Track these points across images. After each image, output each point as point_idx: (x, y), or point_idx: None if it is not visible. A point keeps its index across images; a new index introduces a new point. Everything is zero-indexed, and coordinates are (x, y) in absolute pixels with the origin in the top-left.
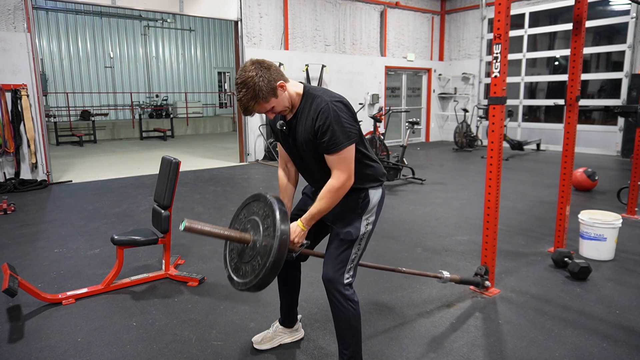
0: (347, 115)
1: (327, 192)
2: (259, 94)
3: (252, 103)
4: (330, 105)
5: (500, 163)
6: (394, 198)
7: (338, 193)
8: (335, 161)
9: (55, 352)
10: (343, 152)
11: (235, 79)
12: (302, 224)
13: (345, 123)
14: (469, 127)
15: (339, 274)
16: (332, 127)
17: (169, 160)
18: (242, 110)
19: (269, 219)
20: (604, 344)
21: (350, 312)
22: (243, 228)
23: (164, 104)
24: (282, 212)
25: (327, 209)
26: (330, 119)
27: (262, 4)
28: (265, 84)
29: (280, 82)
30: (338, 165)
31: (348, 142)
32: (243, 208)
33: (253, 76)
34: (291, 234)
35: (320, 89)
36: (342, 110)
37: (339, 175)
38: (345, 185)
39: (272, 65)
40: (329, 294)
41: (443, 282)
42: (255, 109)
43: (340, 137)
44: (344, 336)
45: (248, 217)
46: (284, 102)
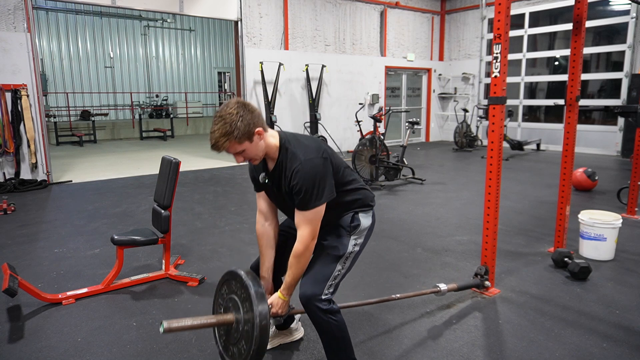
0: (322, 172)
1: (294, 257)
2: (234, 132)
3: (223, 139)
4: (303, 165)
5: (500, 163)
6: (394, 198)
7: (305, 256)
8: (301, 219)
9: (55, 352)
10: (310, 212)
11: (215, 113)
12: (282, 295)
13: (319, 181)
14: (469, 127)
15: (317, 289)
16: (304, 188)
17: (169, 160)
18: (211, 145)
19: (247, 302)
20: (604, 344)
21: (333, 325)
22: (226, 305)
23: (164, 104)
24: (259, 295)
25: (299, 274)
26: (302, 180)
27: (262, 4)
28: (243, 124)
29: (259, 129)
30: (303, 224)
31: (318, 202)
32: (223, 284)
33: (233, 113)
34: (274, 307)
35: (296, 142)
36: (316, 169)
37: (303, 236)
38: (310, 246)
39: (256, 110)
40: (307, 311)
41: (442, 295)
42: (225, 147)
43: (311, 197)
44: (331, 348)
45: (229, 294)
46: (256, 149)
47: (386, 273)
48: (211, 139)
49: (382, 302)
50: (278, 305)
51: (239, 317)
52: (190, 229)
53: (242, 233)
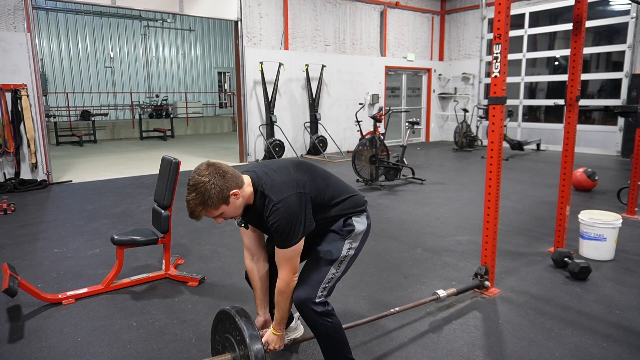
0: (297, 209)
1: (278, 295)
2: (208, 201)
3: (199, 208)
4: (277, 207)
5: (500, 163)
6: (394, 198)
7: (287, 292)
8: (281, 257)
9: (55, 352)
10: (288, 250)
11: (188, 180)
12: (274, 331)
13: (294, 221)
14: (469, 127)
15: (311, 291)
16: (281, 229)
17: (169, 160)
18: (189, 214)
19: (242, 345)
20: (604, 344)
21: (328, 327)
22: (223, 344)
23: (164, 104)
24: (254, 338)
25: (287, 309)
26: (279, 221)
27: (262, 4)
28: (216, 192)
29: (234, 190)
30: (283, 263)
31: (294, 241)
32: (218, 322)
33: (205, 182)
34: (269, 344)
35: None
36: (291, 208)
37: (283, 274)
38: (291, 283)
39: (229, 171)
40: (302, 314)
41: (442, 301)
42: (202, 215)
43: (287, 237)
44: (328, 349)
45: (224, 333)
46: (234, 209)
47: (386, 273)
48: (188, 209)
49: (381, 318)
50: (274, 342)
51: (235, 356)
52: (190, 229)
53: None
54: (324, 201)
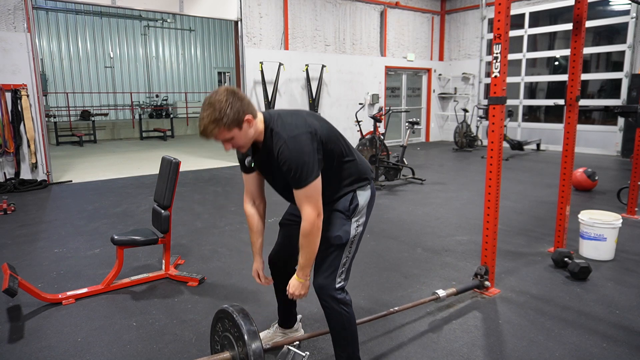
0: (308, 148)
1: (303, 237)
2: (223, 119)
3: (212, 126)
4: (287, 144)
5: (500, 163)
6: (394, 198)
7: (314, 234)
8: (301, 197)
9: (55, 352)
10: (307, 188)
11: (204, 100)
12: (297, 277)
13: (306, 158)
14: (469, 127)
15: (330, 279)
16: (293, 166)
17: (169, 160)
18: (200, 131)
19: (241, 341)
20: (604, 344)
21: (344, 316)
22: (222, 343)
23: (164, 104)
24: (251, 334)
25: (313, 252)
26: (289, 159)
27: (262, 4)
28: (232, 111)
29: (249, 116)
30: (304, 202)
31: (310, 178)
32: (217, 321)
33: (222, 100)
34: (294, 290)
35: (280, 121)
36: (301, 146)
37: (307, 215)
38: (317, 223)
39: (246, 97)
40: (321, 300)
41: (441, 301)
42: (213, 134)
43: (302, 174)
44: (340, 340)
45: (223, 332)
46: (246, 137)
47: (386, 273)
48: (200, 126)
49: (381, 317)
50: (297, 288)
51: (234, 355)
52: (190, 229)
53: (242, 233)
54: (334, 152)
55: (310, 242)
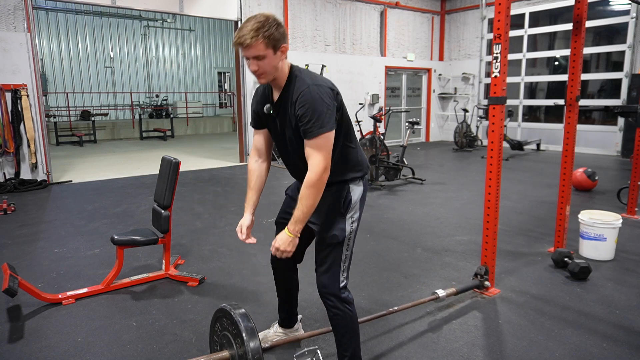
0: (328, 100)
1: (306, 188)
2: (266, 32)
3: (253, 34)
4: (310, 89)
5: (500, 163)
6: (394, 198)
7: (317, 187)
8: (311, 147)
9: (55, 352)
10: (319, 138)
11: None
12: (288, 232)
13: (325, 108)
14: (469, 127)
15: (333, 279)
16: (312, 112)
17: (169, 160)
18: (237, 39)
19: (239, 338)
20: (604, 344)
21: (348, 315)
22: (220, 342)
23: (164, 104)
24: (249, 330)
25: (311, 207)
26: (308, 103)
27: (262, 4)
28: (276, 31)
29: (285, 46)
30: (314, 153)
31: (326, 127)
32: (216, 321)
33: (270, 18)
34: (280, 244)
35: (306, 71)
36: (322, 95)
37: (315, 165)
38: (322, 177)
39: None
40: (325, 300)
41: (441, 301)
42: (252, 43)
43: (317, 121)
44: (343, 339)
45: (222, 331)
46: (274, 65)
47: (386, 273)
48: (239, 34)
49: (380, 317)
50: (282, 241)
51: (233, 354)
52: (190, 229)
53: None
54: (342, 128)
55: (311, 194)
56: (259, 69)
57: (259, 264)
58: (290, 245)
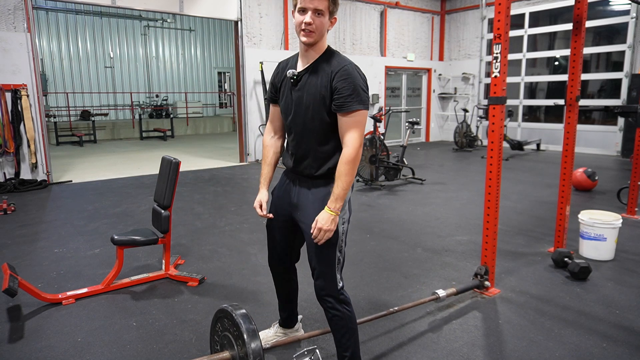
0: (365, 84)
1: (345, 164)
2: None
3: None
4: (353, 67)
5: (500, 163)
6: (394, 198)
7: (354, 162)
8: (349, 123)
9: (55, 352)
10: (357, 114)
11: None
12: (329, 210)
13: (364, 88)
14: (469, 127)
15: (330, 281)
16: (353, 87)
17: (169, 160)
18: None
19: (240, 340)
20: (604, 344)
21: (346, 315)
22: (221, 343)
23: (164, 104)
24: (250, 333)
25: (350, 182)
26: (352, 78)
27: (262, 4)
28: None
29: (336, 17)
30: (352, 128)
31: (364, 105)
32: (217, 321)
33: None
34: (322, 224)
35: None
36: (363, 77)
37: (352, 140)
38: (359, 153)
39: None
40: (324, 302)
41: (441, 301)
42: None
43: (357, 97)
44: (342, 340)
45: (223, 331)
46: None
47: (386, 273)
48: None
49: (380, 317)
50: (324, 220)
51: (234, 354)
52: (190, 229)
53: (242, 233)
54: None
55: (350, 169)
56: (313, 24)
57: (259, 264)
58: (332, 224)
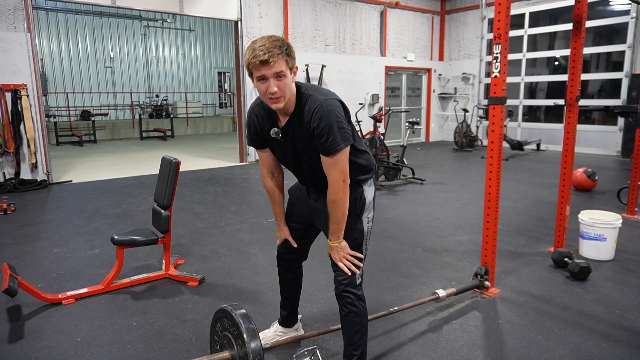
0: (341, 114)
1: (331, 202)
2: (287, 50)
3: (277, 51)
4: (324, 104)
5: (500, 163)
6: (394, 198)
7: (341, 199)
8: (330, 164)
9: (55, 352)
10: (339, 154)
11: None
12: (331, 242)
13: (341, 123)
14: (469, 127)
15: (352, 279)
16: (328, 128)
17: (169, 160)
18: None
19: (240, 339)
20: (604, 344)
21: (362, 312)
22: (221, 343)
23: (164, 104)
24: (250, 332)
25: (342, 216)
26: (324, 119)
27: (262, 4)
28: (292, 51)
29: (297, 66)
30: (331, 168)
31: (344, 143)
32: (217, 321)
33: (281, 38)
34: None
35: (312, 87)
36: (336, 110)
37: (334, 181)
38: (344, 189)
39: None
40: (343, 299)
41: (441, 301)
42: (275, 59)
43: (336, 138)
44: (355, 337)
45: (222, 331)
46: (290, 85)
47: (386, 273)
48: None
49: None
50: (336, 251)
51: (234, 354)
52: (190, 229)
53: (242, 233)
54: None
55: (337, 207)
56: (279, 90)
57: (259, 264)
58: (343, 250)
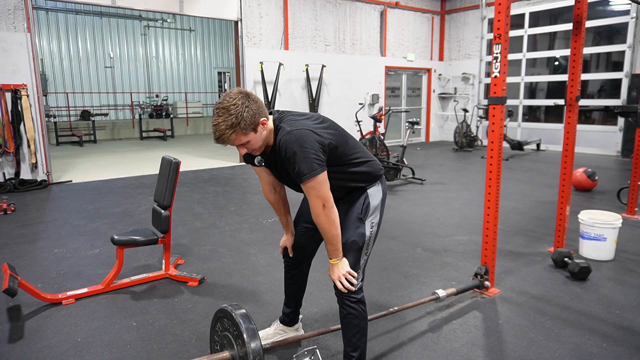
0: (308, 144)
1: (317, 224)
2: (240, 124)
3: (229, 132)
4: (289, 136)
5: (500, 163)
6: (394, 198)
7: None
8: (305, 190)
9: (55, 352)
10: (310, 182)
11: (217, 104)
12: (331, 261)
13: (308, 153)
14: (469, 127)
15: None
16: (294, 159)
17: (169, 160)
18: (216, 138)
19: (240, 339)
20: (604, 344)
21: (361, 315)
22: (221, 343)
23: (164, 104)
24: (250, 332)
25: (334, 235)
26: (290, 151)
27: (262, 4)
28: (249, 116)
29: (264, 119)
30: (309, 196)
31: (311, 173)
32: (217, 321)
33: (238, 104)
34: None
35: (288, 118)
36: (302, 139)
37: (313, 206)
38: (323, 213)
39: (259, 99)
40: (343, 302)
41: (441, 301)
42: (230, 139)
43: (302, 168)
44: (354, 339)
45: (222, 331)
46: (260, 140)
47: (386, 273)
48: (215, 132)
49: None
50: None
51: (234, 354)
52: (190, 229)
53: (242, 233)
54: (342, 153)
55: (323, 230)
56: (249, 150)
57: (259, 264)
58: (342, 267)
